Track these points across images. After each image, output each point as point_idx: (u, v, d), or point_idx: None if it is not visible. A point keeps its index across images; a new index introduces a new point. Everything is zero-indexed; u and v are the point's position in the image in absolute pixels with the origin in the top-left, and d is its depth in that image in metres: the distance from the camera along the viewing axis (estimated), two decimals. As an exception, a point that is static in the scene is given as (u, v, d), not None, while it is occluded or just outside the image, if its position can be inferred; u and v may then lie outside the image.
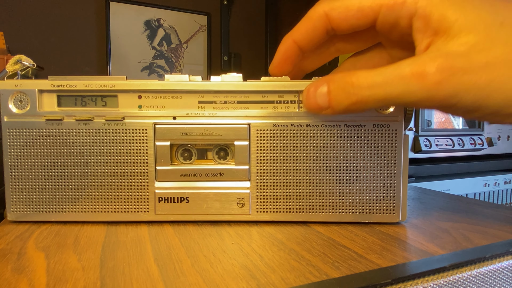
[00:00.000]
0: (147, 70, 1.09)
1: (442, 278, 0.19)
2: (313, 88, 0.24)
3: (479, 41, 0.20)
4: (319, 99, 0.24)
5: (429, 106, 0.22)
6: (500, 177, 0.88)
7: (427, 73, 0.20)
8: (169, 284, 0.18)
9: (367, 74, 0.22)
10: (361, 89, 0.22)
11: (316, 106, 0.24)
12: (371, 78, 0.22)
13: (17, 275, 0.19)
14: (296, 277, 0.18)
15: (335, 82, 0.23)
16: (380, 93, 0.21)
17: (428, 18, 0.21)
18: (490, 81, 0.20)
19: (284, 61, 0.27)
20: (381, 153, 0.27)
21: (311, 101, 0.24)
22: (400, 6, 0.22)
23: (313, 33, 0.25)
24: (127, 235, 0.25)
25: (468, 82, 0.20)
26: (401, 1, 0.22)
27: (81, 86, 0.27)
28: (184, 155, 0.28)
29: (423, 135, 0.78)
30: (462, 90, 0.20)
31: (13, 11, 0.91)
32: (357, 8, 0.24)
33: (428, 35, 0.22)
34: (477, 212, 0.31)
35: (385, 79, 0.21)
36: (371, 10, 0.23)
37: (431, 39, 0.22)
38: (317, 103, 0.24)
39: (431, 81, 0.20)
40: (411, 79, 0.21)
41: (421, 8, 0.22)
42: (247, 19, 1.21)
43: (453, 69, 0.20)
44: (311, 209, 0.27)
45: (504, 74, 0.20)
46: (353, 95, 0.22)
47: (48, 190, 0.27)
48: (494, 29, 0.20)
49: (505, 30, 0.20)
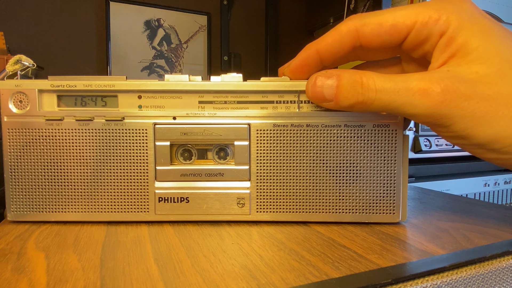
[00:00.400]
0: (147, 70, 1.09)
1: (442, 278, 0.19)
2: (322, 78, 0.24)
3: (489, 73, 0.21)
4: (326, 90, 0.24)
5: (426, 122, 0.23)
6: (500, 177, 0.88)
7: (432, 91, 0.21)
8: (169, 284, 0.18)
9: (378, 78, 0.23)
10: (369, 91, 0.23)
11: (321, 96, 0.24)
12: (381, 83, 0.22)
13: (17, 275, 0.19)
14: (296, 277, 0.18)
15: (346, 78, 0.23)
16: (386, 99, 0.22)
17: (452, 40, 0.22)
18: (485, 113, 0.21)
19: (302, 68, 0.27)
20: (381, 153, 0.27)
21: (317, 90, 0.24)
22: (434, 24, 0.23)
23: (339, 47, 0.25)
24: (127, 235, 0.25)
25: (467, 108, 0.21)
26: (435, 19, 0.22)
27: (81, 86, 0.27)
28: (184, 155, 0.28)
29: (423, 135, 0.78)
30: (459, 115, 0.21)
31: (13, 11, 0.91)
32: (391, 25, 0.24)
33: (446, 55, 0.23)
34: (477, 212, 0.31)
35: (393, 87, 0.22)
36: (405, 26, 0.23)
37: (447, 59, 0.23)
38: (323, 94, 0.24)
39: (434, 100, 0.21)
40: (416, 93, 0.21)
41: (451, 28, 0.22)
42: (247, 19, 1.21)
43: (457, 93, 0.21)
44: (311, 209, 0.27)
45: (500, 110, 0.21)
46: (360, 95, 0.23)
47: (48, 190, 0.27)
48: (507, 66, 0.21)
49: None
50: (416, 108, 0.22)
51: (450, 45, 0.22)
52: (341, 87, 0.23)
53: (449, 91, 0.21)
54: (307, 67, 0.27)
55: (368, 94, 0.23)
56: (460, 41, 0.22)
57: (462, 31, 0.22)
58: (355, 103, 0.23)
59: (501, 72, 0.21)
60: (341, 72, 0.24)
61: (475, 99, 0.21)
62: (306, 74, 0.27)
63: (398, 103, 0.22)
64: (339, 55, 0.26)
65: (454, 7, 0.23)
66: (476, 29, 0.22)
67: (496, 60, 0.21)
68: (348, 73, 0.23)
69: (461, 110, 0.21)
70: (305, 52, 0.26)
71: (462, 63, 0.22)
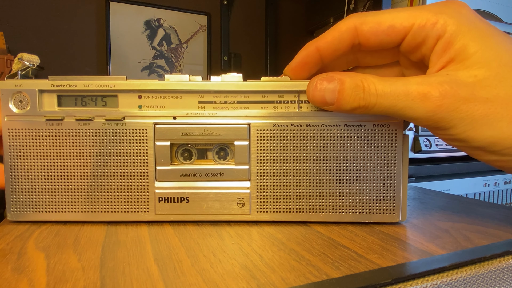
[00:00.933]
0: (147, 70, 1.09)
1: (442, 278, 0.19)
2: (323, 82, 0.24)
3: (488, 77, 0.21)
4: (327, 94, 0.24)
5: (426, 125, 0.23)
6: (500, 177, 0.88)
7: (431, 95, 0.22)
8: (169, 284, 0.18)
9: (378, 82, 0.23)
10: (370, 96, 0.23)
11: (322, 100, 0.25)
12: (381, 88, 0.23)
13: (17, 275, 0.19)
14: (296, 277, 0.18)
15: (348, 82, 0.23)
16: (386, 103, 0.23)
17: (450, 45, 0.22)
18: (484, 116, 0.21)
19: (302, 66, 0.27)
20: (381, 153, 0.27)
21: (317, 94, 0.25)
22: (431, 27, 0.23)
23: (339, 44, 0.25)
24: (127, 235, 0.25)
25: (465, 111, 0.21)
26: (433, 22, 0.23)
27: (81, 86, 0.27)
28: (184, 155, 0.28)
29: (423, 135, 0.78)
30: (458, 118, 0.22)
31: (13, 11, 0.91)
32: (389, 25, 0.24)
33: (444, 59, 0.23)
34: (477, 212, 0.31)
35: (393, 91, 0.22)
36: (403, 27, 0.24)
37: (445, 64, 0.23)
38: (324, 98, 0.24)
39: (433, 104, 0.22)
40: (415, 97, 0.22)
41: (449, 33, 0.22)
42: (247, 19, 1.21)
43: (456, 97, 0.21)
44: (311, 209, 0.27)
45: (499, 112, 0.21)
46: (362, 100, 0.23)
47: (48, 190, 0.27)
48: (506, 69, 0.22)
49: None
50: (416, 112, 0.22)
51: (448, 50, 0.23)
52: (343, 92, 0.24)
53: (448, 95, 0.21)
54: (307, 65, 0.27)
55: (369, 99, 0.23)
56: (458, 46, 0.22)
57: (460, 36, 0.22)
58: (357, 107, 0.23)
59: (500, 75, 0.21)
60: (343, 76, 0.24)
61: (474, 102, 0.21)
62: (307, 72, 0.27)
63: (398, 107, 0.22)
64: (338, 53, 0.26)
65: (452, 12, 0.23)
66: (474, 34, 0.22)
67: (494, 64, 0.22)
68: (349, 77, 0.23)
69: (460, 113, 0.21)
70: (305, 50, 0.26)
71: (461, 68, 0.22)
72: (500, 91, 0.21)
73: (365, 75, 0.23)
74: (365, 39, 0.25)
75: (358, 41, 0.25)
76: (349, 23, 0.25)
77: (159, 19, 1.09)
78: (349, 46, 0.26)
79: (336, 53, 0.26)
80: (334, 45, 0.26)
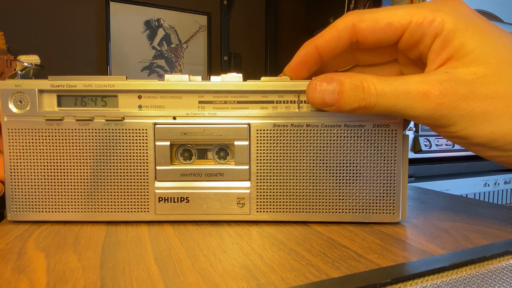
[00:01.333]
0: (147, 70, 1.09)
1: (442, 278, 0.19)
2: (323, 83, 0.24)
3: (487, 74, 0.22)
4: (326, 95, 0.24)
5: (427, 123, 0.23)
6: (500, 177, 0.88)
7: (431, 93, 0.22)
8: (169, 284, 0.18)
9: (378, 82, 0.23)
10: (370, 96, 0.23)
11: (322, 101, 0.24)
12: (381, 88, 0.23)
13: (17, 275, 0.19)
14: (296, 277, 0.18)
15: (348, 83, 0.23)
16: (386, 103, 0.23)
17: (448, 43, 0.23)
18: (484, 112, 0.21)
19: (302, 65, 0.27)
20: (381, 153, 0.27)
21: (317, 95, 0.25)
22: (429, 24, 0.23)
23: (337, 42, 0.26)
24: (127, 235, 0.25)
25: (466, 108, 0.21)
26: (430, 19, 0.23)
27: (81, 86, 0.27)
28: (184, 155, 0.28)
29: (423, 135, 0.78)
30: (458, 115, 0.22)
31: (13, 11, 0.91)
32: (387, 23, 0.24)
33: (442, 57, 0.23)
34: (477, 212, 0.31)
35: (393, 91, 0.22)
36: (400, 25, 0.24)
37: (443, 62, 0.23)
38: (324, 99, 0.24)
39: (433, 102, 0.22)
40: (415, 96, 0.22)
41: (446, 30, 0.22)
42: (247, 19, 1.21)
43: (455, 94, 0.21)
44: (311, 209, 0.27)
45: (499, 108, 0.21)
46: (362, 100, 0.23)
47: (48, 190, 0.27)
48: (505, 66, 0.22)
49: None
50: (416, 110, 0.22)
51: (446, 48, 0.23)
52: (342, 93, 0.23)
53: (448, 93, 0.21)
54: (307, 64, 0.27)
55: (370, 99, 0.23)
56: (456, 43, 0.22)
57: (458, 33, 0.22)
58: (357, 108, 0.23)
59: (499, 72, 0.21)
60: (342, 77, 0.24)
61: (473, 99, 0.21)
62: (307, 71, 0.27)
63: (398, 106, 0.22)
64: (337, 51, 0.26)
65: (449, 9, 0.23)
66: (472, 31, 0.22)
67: (493, 61, 0.22)
68: (349, 78, 0.23)
69: (460, 110, 0.22)
70: (304, 49, 0.27)
71: (460, 65, 0.22)
72: (499, 88, 0.21)
73: (365, 75, 0.23)
74: (363, 36, 0.25)
75: (356, 39, 0.25)
76: (347, 21, 0.25)
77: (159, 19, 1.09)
78: (347, 44, 0.26)
79: (335, 51, 0.26)
80: (333, 43, 0.26)
